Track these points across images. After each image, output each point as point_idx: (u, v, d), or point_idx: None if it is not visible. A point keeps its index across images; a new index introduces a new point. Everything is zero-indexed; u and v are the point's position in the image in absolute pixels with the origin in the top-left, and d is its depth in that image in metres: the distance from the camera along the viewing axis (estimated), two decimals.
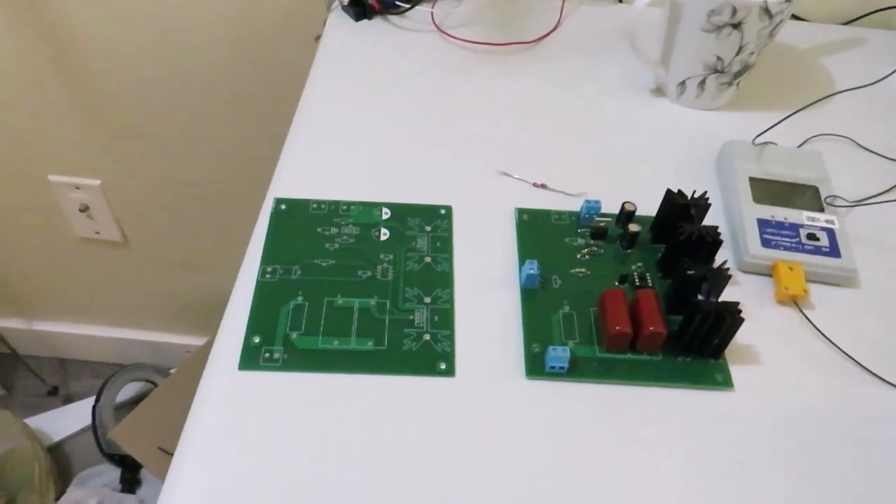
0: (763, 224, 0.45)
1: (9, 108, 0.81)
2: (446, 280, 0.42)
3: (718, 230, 0.41)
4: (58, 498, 1.03)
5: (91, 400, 1.10)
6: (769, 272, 0.44)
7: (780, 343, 0.41)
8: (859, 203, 0.48)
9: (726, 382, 0.39)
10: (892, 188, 0.50)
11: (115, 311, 1.14)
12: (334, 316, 0.39)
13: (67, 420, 1.14)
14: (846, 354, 0.40)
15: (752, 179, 0.47)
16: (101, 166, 0.88)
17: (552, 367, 0.38)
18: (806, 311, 0.42)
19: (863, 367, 0.40)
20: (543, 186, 0.48)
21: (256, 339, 0.38)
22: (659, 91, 0.56)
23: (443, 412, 0.36)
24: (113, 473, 1.06)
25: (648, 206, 0.45)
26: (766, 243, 0.44)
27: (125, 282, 1.07)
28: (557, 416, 0.37)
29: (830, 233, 0.45)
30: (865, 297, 0.44)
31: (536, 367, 0.38)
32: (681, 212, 0.42)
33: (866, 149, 0.53)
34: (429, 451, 0.35)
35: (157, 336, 1.16)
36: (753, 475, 0.35)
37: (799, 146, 0.52)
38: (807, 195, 0.47)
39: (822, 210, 0.46)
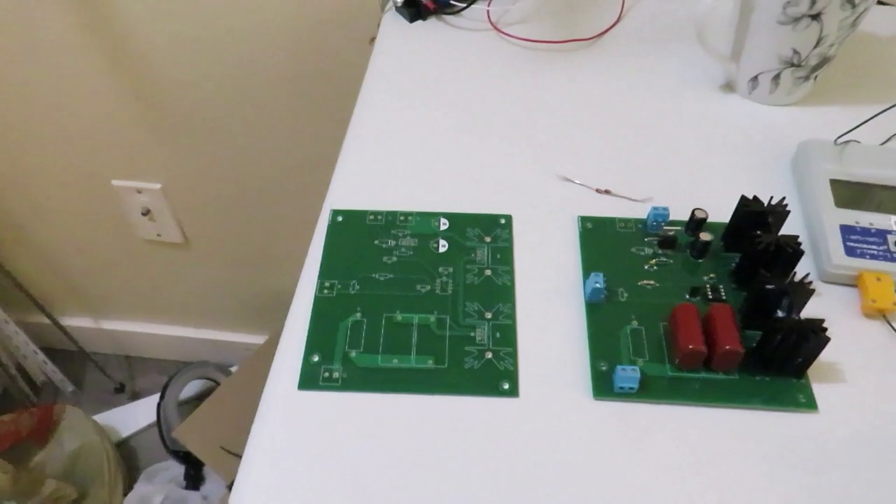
0: (846, 231, 0.42)
1: (71, 112, 0.83)
2: (507, 294, 0.40)
3: (799, 240, 0.38)
4: (126, 493, 1.06)
5: (156, 397, 1.13)
6: (853, 283, 0.41)
7: (868, 360, 0.38)
8: None
9: (810, 404, 0.36)
10: None
11: (177, 309, 1.16)
12: (393, 333, 0.38)
13: (134, 416, 1.17)
14: None
15: (833, 182, 0.44)
16: (162, 170, 0.89)
17: (621, 388, 0.36)
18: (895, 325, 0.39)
19: None
20: (607, 192, 0.46)
21: (315, 358, 0.37)
22: (729, 87, 0.53)
23: (506, 434, 0.35)
24: (178, 469, 1.09)
25: (720, 212, 0.43)
26: (850, 252, 0.41)
27: (187, 281, 1.09)
28: (627, 440, 0.35)
29: None
30: None
31: (604, 386, 0.37)
32: (756, 219, 0.40)
33: None
34: (492, 475, 0.34)
35: (219, 334, 1.18)
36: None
37: (882, 143, 0.49)
38: (893, 198, 0.44)
39: None
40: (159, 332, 1.20)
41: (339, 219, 0.44)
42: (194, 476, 1.08)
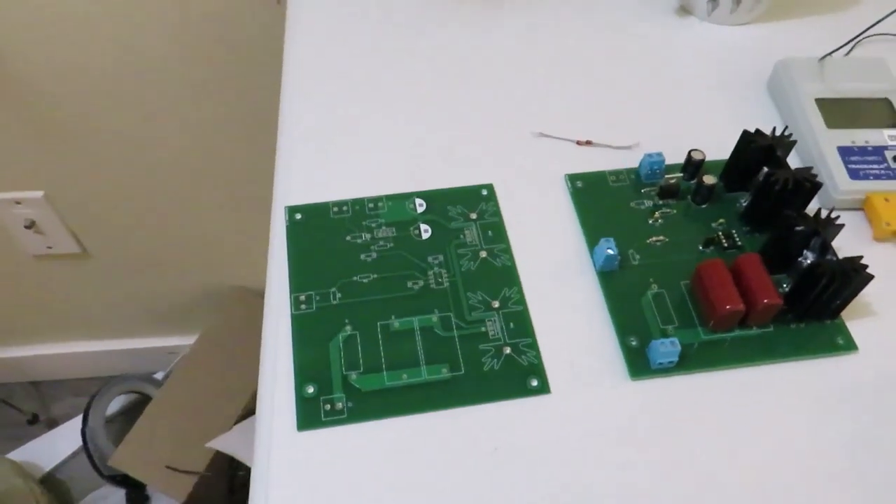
0: (845, 152, 0.39)
1: None
2: (510, 276, 0.36)
3: (814, 171, 0.35)
4: None
5: (77, 421, 1.02)
6: (859, 207, 0.39)
7: (892, 286, 0.36)
8: None
9: (849, 345, 0.34)
10: None
11: (85, 323, 1.05)
12: (394, 343, 0.33)
13: (55, 446, 1.06)
14: None
15: (819, 101, 0.42)
16: (43, 176, 0.77)
17: (660, 364, 0.32)
18: None
19: None
20: (588, 143, 0.41)
21: (311, 389, 0.32)
22: (684, 10, 0.49)
23: (546, 437, 0.31)
24: (118, 495, 1.00)
25: (708, 150, 0.39)
26: (853, 175, 0.39)
27: (91, 292, 0.98)
28: (675, 418, 0.32)
29: None
30: None
31: (640, 365, 0.33)
32: (762, 154, 0.37)
33: None
34: (541, 483, 0.30)
35: (136, 342, 1.08)
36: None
37: (846, 54, 0.46)
38: (880, 110, 0.42)
39: None
40: (68, 351, 1.08)
41: (298, 217, 0.37)
42: (137, 498, 0.99)
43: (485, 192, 0.39)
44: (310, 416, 0.31)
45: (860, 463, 0.31)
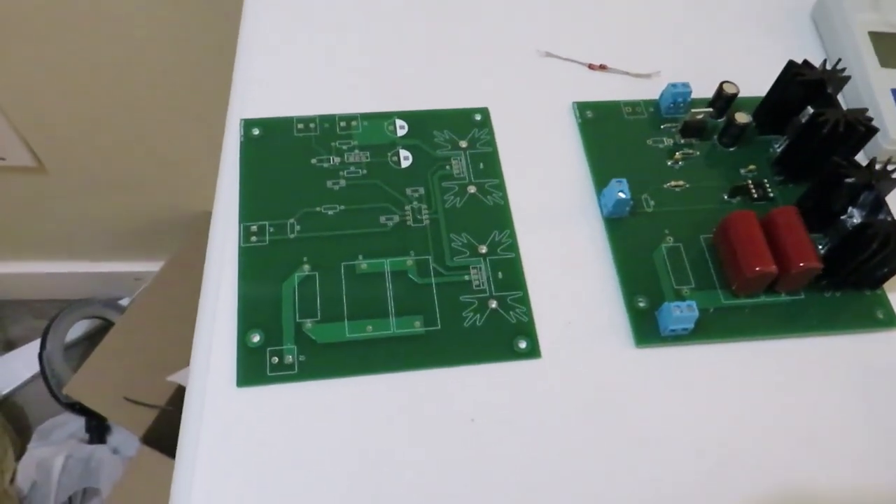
0: None
1: None
2: (502, 217, 0.30)
3: (869, 114, 0.30)
4: (19, 457, 0.92)
5: (36, 344, 0.97)
6: None
7: None
8: None
9: (891, 320, 0.29)
10: None
11: (45, 242, 0.99)
12: (360, 288, 0.28)
13: (12, 370, 1.01)
14: None
15: (873, 35, 0.36)
16: None
17: (673, 331, 0.27)
18: None
19: None
20: (602, 68, 0.35)
21: (256, 339, 0.26)
22: None
23: (532, 409, 0.26)
24: (77, 422, 0.96)
25: (740, 83, 0.33)
26: None
27: (51, 210, 0.91)
28: (685, 395, 0.27)
29: None
30: None
31: (648, 330, 0.28)
32: (808, 91, 0.31)
33: None
34: (518, 460, 0.25)
35: (100, 266, 1.02)
36: None
37: None
38: None
39: None
40: (27, 271, 1.02)
41: (256, 132, 0.31)
42: (98, 427, 0.95)
43: (478, 117, 0.33)
44: (253, 369, 0.26)
45: (891, 450, 0.26)
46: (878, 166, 0.28)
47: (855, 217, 0.29)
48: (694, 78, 0.34)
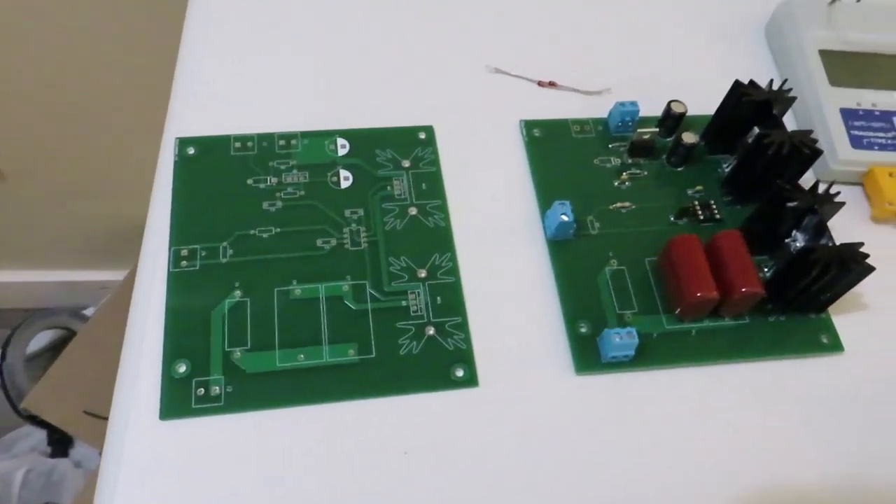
0: (848, 115, 0.34)
1: None
2: (444, 239, 0.29)
3: (813, 135, 0.29)
4: None
5: None
6: (858, 181, 0.33)
7: (889, 278, 0.31)
8: None
9: (834, 345, 0.29)
10: None
11: (9, 250, 0.97)
12: (293, 314, 0.27)
13: None
14: None
15: (823, 53, 0.35)
16: None
17: (614, 357, 0.27)
18: None
19: None
20: (552, 85, 0.35)
21: (182, 368, 0.25)
22: None
23: (468, 440, 0.25)
24: (39, 435, 0.94)
25: (690, 102, 0.33)
26: (856, 142, 0.33)
27: (11, 217, 0.89)
28: (626, 424, 0.26)
29: None
30: None
31: (589, 357, 0.27)
32: (755, 111, 0.31)
33: None
34: (452, 494, 0.24)
35: (64, 274, 1.00)
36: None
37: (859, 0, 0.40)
38: (892, 69, 0.36)
39: None
40: None
41: (191, 151, 0.31)
42: (61, 440, 0.93)
43: (423, 136, 0.32)
44: (177, 401, 0.25)
45: (836, 480, 0.26)
46: (821, 190, 0.28)
47: (799, 240, 0.29)
48: (646, 95, 0.33)
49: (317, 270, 0.28)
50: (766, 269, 0.30)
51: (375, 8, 0.36)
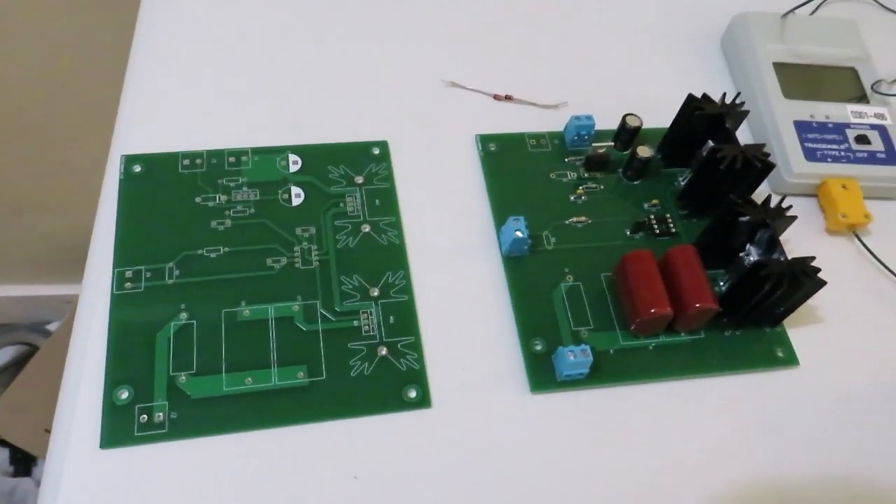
0: (802, 128, 0.34)
1: None
2: (397, 257, 0.29)
3: (765, 149, 0.29)
4: None
5: None
6: (813, 193, 0.34)
7: (844, 290, 0.31)
8: None
9: (790, 359, 0.29)
10: None
11: None
12: (241, 337, 0.26)
13: None
14: None
15: (777, 66, 0.36)
16: None
17: (568, 376, 0.27)
18: (866, 241, 0.32)
19: None
20: (508, 98, 0.35)
21: (124, 395, 0.25)
22: None
23: (420, 463, 0.25)
24: (1, 453, 0.91)
25: (649, 116, 0.33)
26: (810, 155, 0.33)
27: None
28: (582, 444, 0.26)
29: (883, 131, 0.34)
30: None
31: (543, 376, 0.27)
32: (708, 124, 0.31)
33: (890, 9, 0.42)
34: None
35: (26, 289, 0.98)
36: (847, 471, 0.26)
37: (812, 13, 0.40)
38: (844, 81, 0.36)
39: (866, 100, 0.35)
40: None
41: (137, 169, 0.30)
42: (23, 459, 0.91)
43: (377, 151, 0.32)
44: (118, 429, 0.24)
45: (793, 494, 0.26)
46: (773, 203, 0.28)
47: (753, 254, 0.29)
48: (604, 109, 0.33)
49: (266, 291, 0.27)
50: (721, 284, 0.30)
51: (329, 22, 0.36)
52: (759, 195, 0.29)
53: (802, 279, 0.26)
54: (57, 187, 0.82)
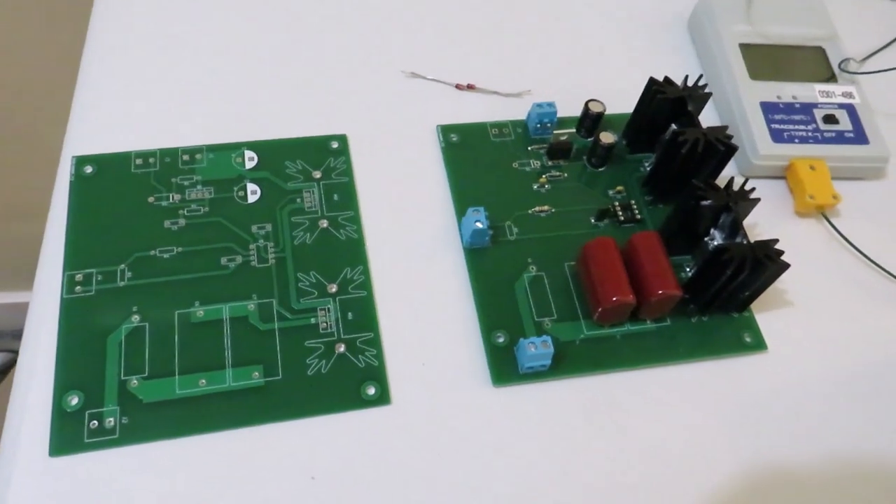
0: (769, 109, 0.33)
1: None
2: (356, 252, 0.28)
3: (728, 131, 0.29)
4: None
5: None
6: (781, 174, 0.33)
7: (812, 273, 0.31)
8: (873, 64, 0.37)
9: (758, 343, 0.28)
10: None
11: None
12: (194, 338, 0.26)
13: None
14: (894, 277, 0.31)
15: (743, 46, 0.35)
16: None
17: (530, 368, 0.26)
18: (835, 223, 0.32)
19: None
20: (470, 88, 0.34)
21: (74, 401, 0.24)
22: None
23: (379, 461, 0.24)
24: None
25: (615, 101, 0.33)
26: (776, 136, 0.33)
27: None
28: (545, 437, 0.26)
29: (851, 110, 0.34)
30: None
31: (506, 368, 0.26)
32: (671, 108, 0.30)
33: None
34: None
35: (9, 296, 0.97)
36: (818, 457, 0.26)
37: None
38: (812, 61, 0.36)
39: (834, 79, 0.35)
40: None
41: (89, 170, 0.29)
42: None
43: (335, 145, 0.31)
44: (68, 436, 0.24)
45: (764, 478, 0.26)
46: (736, 186, 0.27)
47: (717, 239, 0.28)
48: (569, 95, 0.33)
49: (221, 290, 0.27)
50: (688, 270, 0.29)
51: (284, 15, 0.35)
52: (727, 179, 0.28)
53: (765, 262, 0.26)
54: (28, 195, 0.81)
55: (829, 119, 0.33)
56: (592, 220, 0.30)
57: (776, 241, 0.26)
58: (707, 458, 0.26)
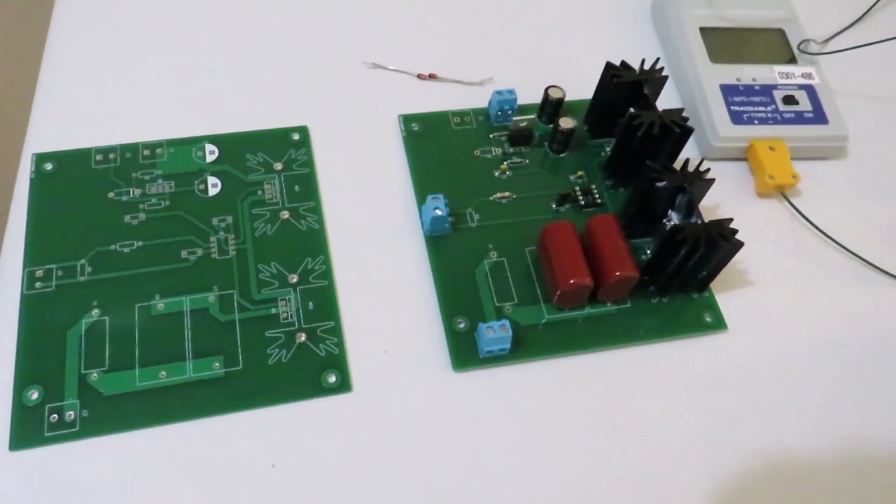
0: (728, 91, 0.33)
1: None
2: (317, 242, 0.29)
3: (684, 114, 0.29)
4: None
5: None
6: (742, 156, 0.33)
7: (773, 252, 0.31)
8: (834, 46, 0.37)
9: (718, 323, 0.29)
10: (863, 16, 0.39)
11: None
12: (154, 331, 0.26)
13: None
14: (854, 255, 0.31)
15: (704, 30, 0.35)
16: None
17: (489, 352, 0.26)
18: (796, 203, 0.32)
19: (879, 268, 0.31)
20: (432, 77, 0.34)
21: (34, 395, 0.24)
22: None
23: (339, 449, 0.25)
24: None
25: (578, 87, 0.33)
26: (736, 118, 0.33)
27: None
28: (506, 421, 0.26)
29: (811, 91, 0.34)
30: (856, 169, 0.34)
31: (466, 354, 0.27)
32: (628, 91, 0.30)
33: None
34: None
35: None
36: (786, 431, 0.26)
37: None
38: (772, 43, 0.36)
39: (794, 61, 0.35)
40: None
41: (49, 167, 0.29)
42: None
43: (296, 137, 0.31)
44: (28, 430, 0.24)
45: (721, 455, 0.26)
46: (691, 167, 0.28)
47: (674, 220, 0.28)
48: (532, 82, 0.33)
49: (182, 283, 0.27)
50: (648, 252, 0.30)
51: (244, 8, 0.35)
52: (690, 162, 0.28)
53: (719, 241, 0.26)
54: None
55: (789, 100, 0.34)
56: (553, 206, 0.31)
57: (730, 220, 0.26)
58: (668, 438, 0.26)
